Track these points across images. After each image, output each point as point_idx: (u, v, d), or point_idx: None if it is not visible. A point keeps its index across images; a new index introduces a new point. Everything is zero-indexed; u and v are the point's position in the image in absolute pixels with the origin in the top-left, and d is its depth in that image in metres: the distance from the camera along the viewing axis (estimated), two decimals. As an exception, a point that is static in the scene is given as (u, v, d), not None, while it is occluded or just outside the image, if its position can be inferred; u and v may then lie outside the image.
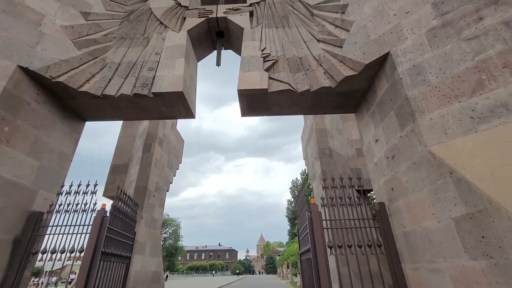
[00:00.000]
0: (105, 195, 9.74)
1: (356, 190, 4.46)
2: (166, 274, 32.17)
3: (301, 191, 4.90)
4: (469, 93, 3.07)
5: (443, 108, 3.23)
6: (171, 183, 11.47)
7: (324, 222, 4.14)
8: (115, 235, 4.67)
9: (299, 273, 22.69)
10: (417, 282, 3.51)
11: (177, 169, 12.33)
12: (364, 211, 4.38)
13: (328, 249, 3.99)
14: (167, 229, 49.84)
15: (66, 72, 4.67)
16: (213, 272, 75.61)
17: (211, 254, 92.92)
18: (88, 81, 4.89)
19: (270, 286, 23.59)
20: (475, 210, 2.60)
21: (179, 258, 73.64)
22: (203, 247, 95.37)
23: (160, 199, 10.16)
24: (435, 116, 3.26)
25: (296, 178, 59.50)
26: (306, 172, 57.98)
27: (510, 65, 2.83)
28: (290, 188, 57.75)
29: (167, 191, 11.13)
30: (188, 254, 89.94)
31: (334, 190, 4.46)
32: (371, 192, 9.33)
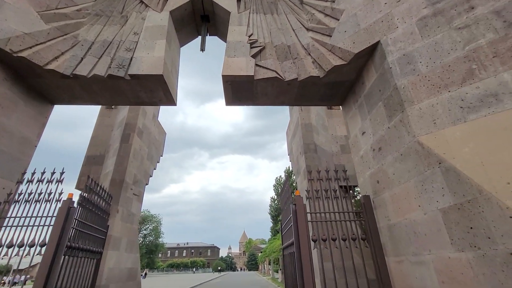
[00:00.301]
0: (78, 187, 9.13)
1: (339, 186, 4.36)
2: (144, 272, 31.26)
3: (286, 183, 4.73)
4: (459, 82, 3.00)
5: (432, 97, 3.15)
6: (150, 176, 10.99)
7: (308, 215, 4.00)
8: (85, 228, 4.28)
9: (280, 269, 22.79)
10: (400, 275, 3.45)
11: (158, 162, 11.84)
12: (349, 204, 4.29)
13: (312, 243, 3.85)
14: (148, 225, 48.51)
15: (31, 47, 4.20)
16: (194, 269, 74.54)
17: (192, 251, 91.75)
18: (56, 59, 4.44)
19: (250, 283, 23.53)
20: (464, 200, 2.53)
21: (160, 255, 72.11)
22: (184, 244, 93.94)
23: (138, 193, 9.69)
24: (424, 106, 3.18)
25: (280, 176, 59.85)
26: (290, 169, 58.37)
27: (501, 54, 2.78)
28: (274, 186, 57.95)
29: (146, 184, 10.65)
30: (169, 251, 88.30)
31: (320, 183, 4.33)
32: (356, 188, 9.38)
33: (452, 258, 2.61)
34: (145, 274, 31.01)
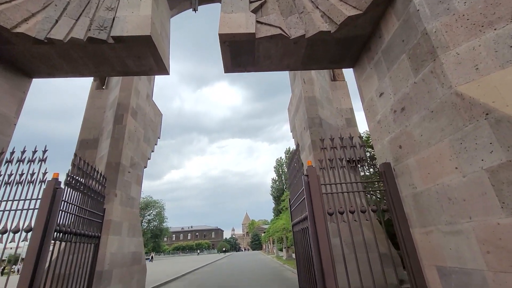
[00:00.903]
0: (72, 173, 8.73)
1: (347, 160, 3.91)
2: (151, 255, 31.81)
3: (295, 154, 4.30)
4: (508, 17, 2.47)
5: (473, 39, 2.63)
6: (149, 159, 10.58)
7: (322, 187, 3.60)
8: (76, 211, 3.89)
9: (284, 248, 23.09)
10: (428, 248, 3.09)
11: (156, 144, 11.39)
12: (360, 175, 3.89)
13: (328, 216, 3.48)
14: (151, 211, 49.05)
15: (-7, 6, 3.59)
16: (198, 251, 76.06)
17: (197, 234, 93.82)
18: (26, 21, 3.83)
19: (255, 261, 23.93)
20: (521, 155, 2.09)
21: (165, 239, 73.66)
22: (188, 228, 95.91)
23: (136, 176, 9.32)
24: (463, 50, 2.66)
25: (280, 157, 59.86)
26: (291, 150, 58.30)
27: None
28: (275, 167, 58.12)
29: (145, 167, 10.26)
30: (174, 235, 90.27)
31: (334, 151, 3.90)
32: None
33: (502, 224, 2.21)
34: (152, 257, 31.51)
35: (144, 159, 10.03)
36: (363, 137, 10.52)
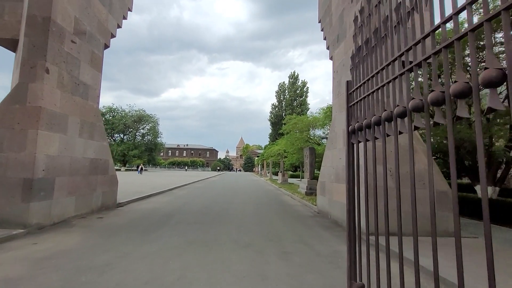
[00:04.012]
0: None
1: None
2: (140, 167, 31.49)
3: None
4: None
5: None
6: (113, 35, 7.32)
7: None
8: None
9: (280, 172, 22.22)
10: None
11: (125, 18, 7.91)
12: None
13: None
14: (145, 125, 47.62)
15: None
16: (186, 167, 78.12)
17: (192, 152, 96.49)
18: None
19: (250, 182, 23.44)
20: None
21: (161, 154, 75.23)
22: (184, 146, 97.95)
23: (90, 54, 6.29)
24: None
25: (283, 82, 55.43)
26: (295, 75, 53.71)
27: None
28: (276, 92, 54.46)
29: (107, 47, 7.11)
30: (170, 151, 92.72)
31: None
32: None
33: None
34: (141, 169, 31.18)
35: (102, 31, 6.77)
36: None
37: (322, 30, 8.25)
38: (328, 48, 7.73)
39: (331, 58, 7.49)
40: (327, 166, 7.24)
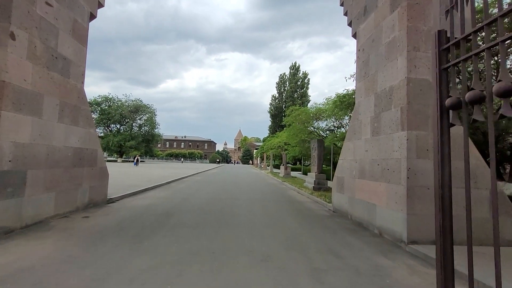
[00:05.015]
0: None
1: None
2: (136, 158, 30.43)
3: None
4: None
5: None
6: (102, 5, 6.25)
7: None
8: None
9: (283, 165, 21.37)
10: None
11: (115, -14, 6.85)
12: None
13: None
14: (142, 115, 46.31)
15: None
16: (182, 159, 76.74)
17: (190, 143, 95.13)
18: None
19: (251, 176, 22.62)
20: None
21: (159, 145, 73.80)
22: (182, 137, 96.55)
23: (70, 21, 5.25)
24: None
25: (284, 73, 54.00)
26: (296, 65, 52.39)
27: None
28: (277, 83, 53.18)
29: (94, 17, 6.06)
30: (167, 143, 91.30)
31: None
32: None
33: None
34: (137, 160, 30.10)
35: (88, -2, 5.70)
36: None
37: (341, 4, 7.23)
38: (350, 24, 6.73)
39: (354, 36, 6.50)
40: (347, 160, 6.36)
